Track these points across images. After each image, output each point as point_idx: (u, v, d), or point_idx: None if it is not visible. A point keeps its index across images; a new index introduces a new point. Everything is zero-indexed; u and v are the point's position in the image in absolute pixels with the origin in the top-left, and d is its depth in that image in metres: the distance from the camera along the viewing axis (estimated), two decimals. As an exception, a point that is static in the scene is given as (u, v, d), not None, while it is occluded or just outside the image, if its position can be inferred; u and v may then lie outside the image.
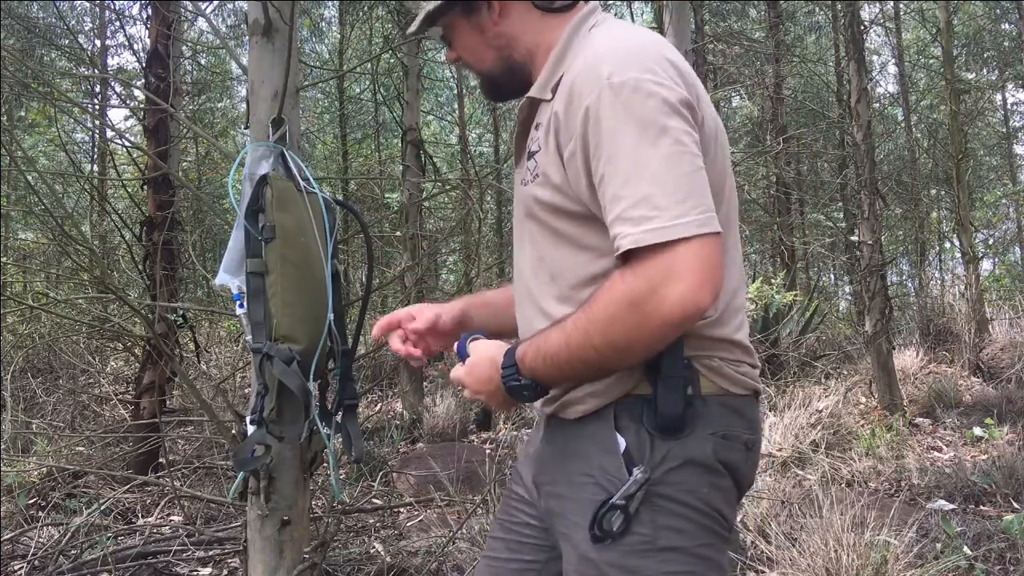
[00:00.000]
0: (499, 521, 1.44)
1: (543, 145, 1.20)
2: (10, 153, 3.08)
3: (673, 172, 1.07)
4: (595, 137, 1.11)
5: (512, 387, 1.19)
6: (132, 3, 13.92)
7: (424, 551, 3.34)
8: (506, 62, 1.29)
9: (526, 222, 1.27)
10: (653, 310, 1.05)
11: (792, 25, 11.58)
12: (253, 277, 1.88)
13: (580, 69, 1.15)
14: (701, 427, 1.18)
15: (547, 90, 1.23)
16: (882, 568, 2.80)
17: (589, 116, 1.11)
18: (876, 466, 4.72)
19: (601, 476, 1.18)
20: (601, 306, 1.09)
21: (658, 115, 1.09)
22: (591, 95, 1.11)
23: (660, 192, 1.06)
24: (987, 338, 7.83)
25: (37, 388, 5.79)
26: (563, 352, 1.13)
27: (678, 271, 1.04)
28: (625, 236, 1.06)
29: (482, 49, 1.30)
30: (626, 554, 1.16)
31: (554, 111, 1.18)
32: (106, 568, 3.01)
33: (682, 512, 1.17)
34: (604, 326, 1.09)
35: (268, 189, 1.92)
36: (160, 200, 4.71)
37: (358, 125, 12.33)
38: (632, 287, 1.06)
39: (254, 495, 1.99)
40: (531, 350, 1.17)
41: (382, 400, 7.29)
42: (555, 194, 1.19)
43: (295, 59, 2.15)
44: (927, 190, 11.38)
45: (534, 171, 1.22)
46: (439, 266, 9.85)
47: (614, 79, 1.10)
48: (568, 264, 1.21)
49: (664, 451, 1.16)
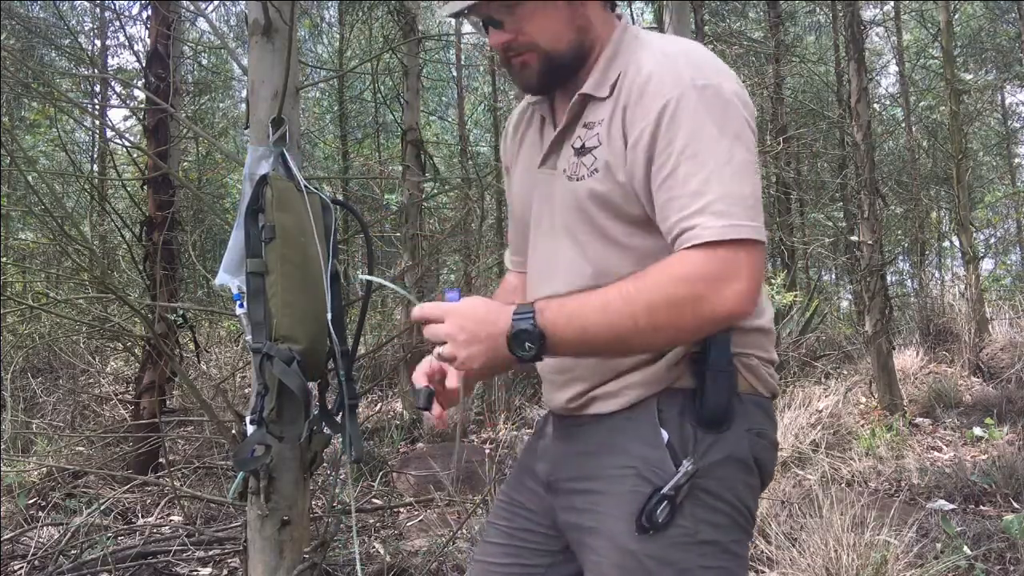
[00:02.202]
0: (495, 526, 1.43)
1: (604, 140, 1.21)
2: (10, 153, 3.08)
3: (746, 179, 1.13)
4: (670, 131, 1.14)
5: (518, 332, 1.10)
6: (132, 3, 13.92)
7: (424, 551, 3.34)
8: (581, 45, 1.26)
9: (571, 218, 1.25)
10: (709, 301, 1.09)
11: (792, 25, 11.58)
12: (253, 277, 1.88)
13: (651, 67, 1.18)
14: (738, 424, 1.21)
15: (604, 88, 1.24)
16: (882, 568, 2.80)
17: (667, 110, 1.14)
18: (876, 466, 4.72)
19: (644, 468, 1.19)
20: (656, 282, 1.10)
21: (736, 122, 1.15)
22: (672, 92, 1.15)
23: (738, 194, 1.11)
24: (987, 338, 7.83)
25: (37, 388, 5.78)
26: (595, 315, 1.11)
27: (740, 272, 1.09)
28: (708, 227, 1.09)
29: (564, 27, 1.24)
30: (668, 546, 1.17)
31: (620, 107, 1.20)
32: (106, 568, 3.01)
33: (720, 507, 1.20)
34: (654, 301, 1.09)
35: (268, 189, 1.92)
36: (160, 200, 4.71)
37: (358, 125, 12.32)
38: (696, 273, 1.09)
39: (254, 495, 1.99)
40: (555, 304, 1.13)
41: (382, 400, 7.28)
42: (616, 189, 1.20)
43: (295, 59, 2.15)
44: (927, 190, 11.37)
45: (592, 165, 1.22)
46: (439, 266, 9.85)
47: (698, 81, 1.15)
48: (614, 263, 1.22)
49: (706, 445, 1.19)
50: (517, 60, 1.27)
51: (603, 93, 1.24)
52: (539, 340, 1.10)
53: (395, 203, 9.02)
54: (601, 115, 1.23)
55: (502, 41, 1.25)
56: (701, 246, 1.09)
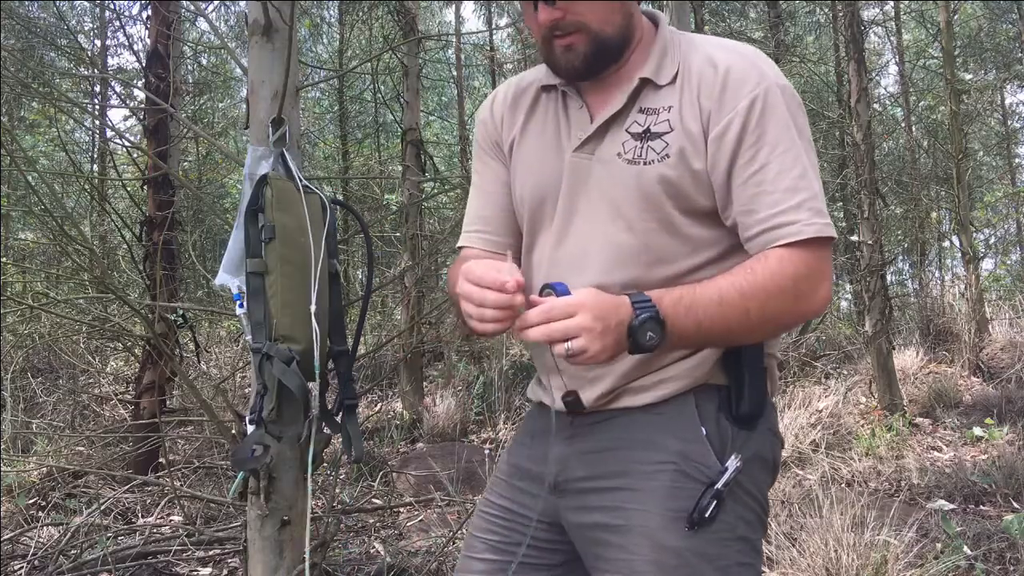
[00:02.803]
0: (482, 540, 1.34)
1: (676, 126, 1.20)
2: (10, 153, 3.08)
3: (819, 180, 1.18)
4: (761, 126, 1.16)
5: (644, 320, 1.08)
6: (132, 3, 13.92)
7: (424, 551, 3.34)
8: (627, 30, 1.25)
9: (628, 203, 1.21)
10: (807, 298, 1.15)
11: (792, 25, 11.57)
12: (253, 277, 1.87)
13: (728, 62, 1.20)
14: (762, 423, 1.23)
15: (663, 75, 1.24)
16: (882, 568, 2.80)
17: (756, 104, 1.16)
18: (876, 466, 4.72)
19: (684, 463, 1.18)
20: (768, 277, 1.14)
21: (807, 125, 1.21)
22: (758, 87, 1.17)
23: (821, 194, 1.18)
24: (987, 338, 7.83)
25: (37, 388, 5.78)
26: (711, 307, 1.13)
27: (828, 270, 1.17)
28: (810, 224, 1.14)
29: (614, 10, 1.23)
30: (709, 542, 1.17)
31: (692, 95, 1.20)
32: (106, 568, 3.01)
33: (752, 504, 1.22)
34: (767, 295, 1.13)
35: (268, 189, 1.92)
36: (160, 200, 4.71)
37: (358, 125, 12.32)
38: (802, 270, 1.14)
39: (254, 495, 1.99)
40: (669, 297, 1.12)
41: (382, 400, 7.28)
42: (686, 176, 1.20)
43: (295, 59, 2.15)
44: (927, 190, 11.36)
45: (662, 151, 1.20)
46: (439, 266, 9.85)
47: (781, 81, 1.19)
48: (671, 251, 1.22)
49: (741, 442, 1.20)
50: (562, 42, 1.22)
51: (664, 80, 1.23)
52: (661, 329, 1.10)
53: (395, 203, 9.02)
54: (667, 102, 1.22)
55: (553, 19, 1.20)
56: (802, 243, 1.14)
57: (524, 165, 1.34)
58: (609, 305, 1.08)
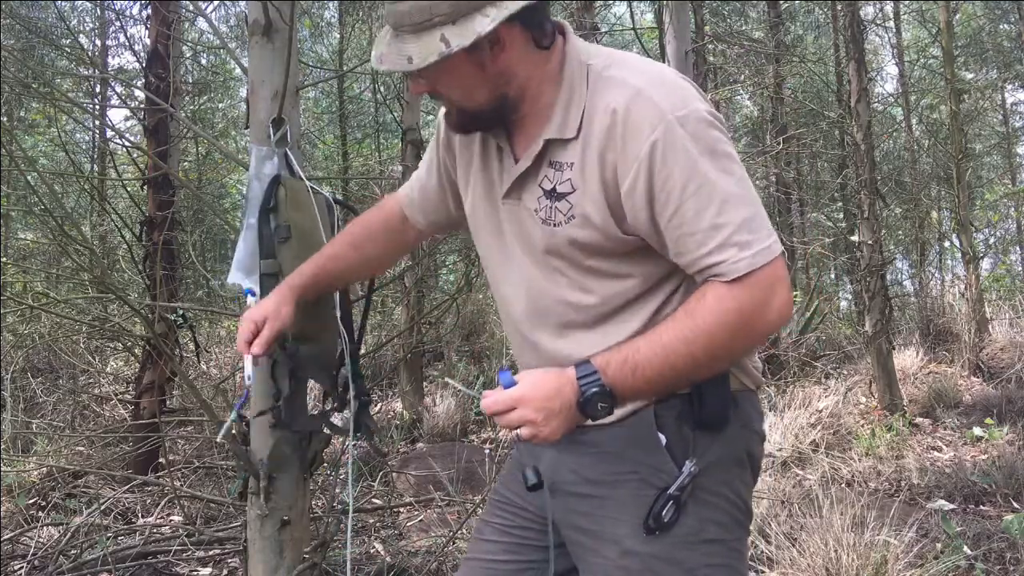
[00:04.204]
0: (490, 524, 1.45)
1: (579, 186, 1.20)
2: (10, 153, 3.08)
3: (750, 194, 1.16)
4: (665, 170, 1.13)
5: (591, 396, 1.14)
6: (132, 3, 13.92)
7: (424, 551, 3.34)
8: (500, 99, 1.23)
9: (551, 259, 1.26)
10: (760, 321, 1.14)
11: (792, 25, 11.57)
12: (267, 278, 1.86)
13: (624, 106, 1.15)
14: (733, 422, 1.24)
15: (568, 129, 1.21)
16: (882, 568, 2.80)
17: (657, 150, 1.13)
18: (876, 466, 4.72)
19: (646, 472, 1.21)
20: (709, 319, 1.14)
21: (722, 142, 1.16)
22: (656, 130, 1.13)
23: (752, 215, 1.14)
24: (987, 338, 7.82)
25: (37, 388, 5.78)
26: (656, 362, 1.14)
27: (776, 286, 1.14)
28: (738, 261, 1.12)
29: (476, 85, 1.21)
30: (673, 546, 1.20)
31: (594, 151, 1.18)
32: (106, 568, 3.01)
33: (722, 505, 1.23)
34: (710, 336, 1.14)
35: (282, 189, 1.92)
36: (160, 200, 4.71)
37: (358, 125, 12.31)
38: (742, 304, 1.13)
39: (254, 495, 1.99)
40: (616, 360, 1.15)
41: (382, 400, 7.28)
42: (595, 234, 1.20)
43: (295, 59, 2.15)
44: (927, 190, 11.35)
45: (568, 212, 1.21)
46: (439, 266, 9.85)
47: (677, 112, 1.14)
48: (617, 290, 1.24)
49: (704, 446, 1.22)
50: (442, 106, 1.30)
51: (569, 134, 1.21)
52: (610, 398, 1.14)
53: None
54: (570, 157, 1.21)
55: (420, 91, 1.26)
56: (737, 280, 1.13)
57: (468, 205, 1.40)
58: (551, 390, 1.14)
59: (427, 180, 1.55)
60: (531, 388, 1.15)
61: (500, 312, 1.41)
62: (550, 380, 1.16)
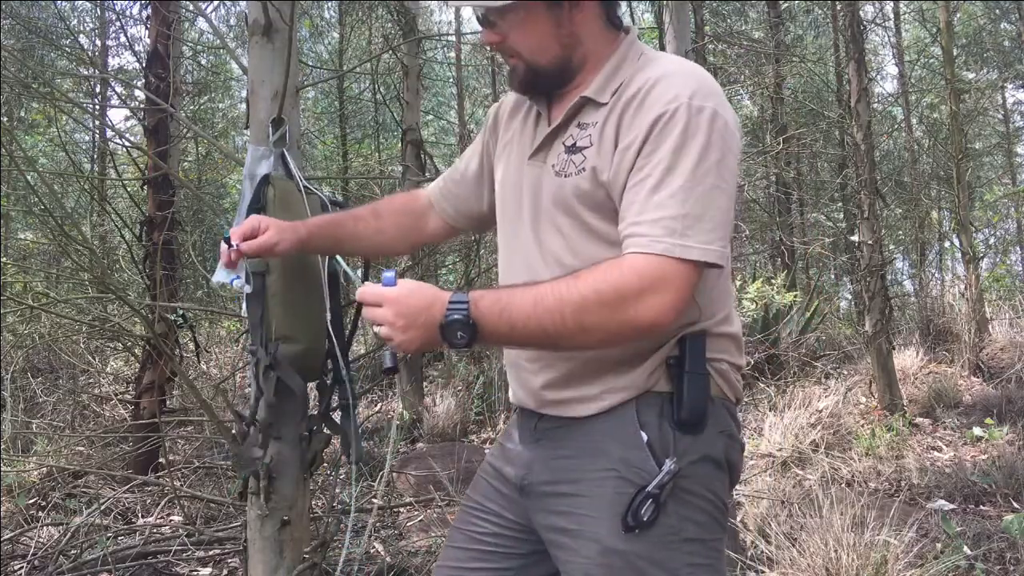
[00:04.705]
0: (460, 531, 1.44)
1: (596, 142, 1.24)
2: (10, 153, 3.07)
3: (715, 204, 1.16)
4: (657, 141, 1.17)
5: (452, 322, 1.14)
6: (132, 3, 13.92)
7: (424, 551, 3.34)
8: (566, 61, 1.30)
9: (556, 211, 1.29)
10: (632, 308, 1.13)
11: (792, 25, 11.57)
12: (254, 277, 1.87)
13: (654, 80, 1.21)
14: (712, 426, 1.25)
15: (605, 94, 1.26)
16: (882, 568, 2.80)
17: (659, 122, 1.17)
18: (876, 466, 4.72)
19: (626, 470, 1.21)
20: (588, 283, 1.14)
21: (719, 148, 1.17)
22: (668, 105, 1.17)
23: (696, 215, 1.14)
24: (987, 338, 7.82)
25: (37, 388, 5.78)
26: (525, 309, 1.14)
27: (668, 285, 1.13)
28: (660, 241, 1.13)
29: (549, 42, 1.28)
30: (654, 545, 1.20)
31: (616, 112, 1.23)
32: (106, 568, 3.01)
33: (702, 505, 1.24)
34: (583, 301, 1.13)
35: (271, 188, 1.92)
36: (160, 200, 4.71)
37: (358, 125, 12.31)
38: (626, 279, 1.13)
39: (254, 495, 1.99)
40: (490, 297, 1.16)
41: (382, 400, 7.28)
42: (599, 189, 1.23)
43: (295, 59, 2.15)
44: (927, 190, 11.35)
45: (580, 164, 1.25)
46: (439, 266, 9.85)
47: (695, 101, 1.18)
48: (599, 255, 1.24)
49: (685, 446, 1.22)
50: (507, 62, 1.33)
51: (604, 99, 1.26)
52: (471, 330, 1.14)
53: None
54: (596, 118, 1.26)
55: (490, 41, 1.30)
56: (641, 255, 1.14)
57: (499, 173, 1.45)
58: (422, 303, 1.15)
59: (466, 168, 1.57)
60: (406, 294, 1.16)
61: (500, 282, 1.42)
62: (425, 295, 1.17)
